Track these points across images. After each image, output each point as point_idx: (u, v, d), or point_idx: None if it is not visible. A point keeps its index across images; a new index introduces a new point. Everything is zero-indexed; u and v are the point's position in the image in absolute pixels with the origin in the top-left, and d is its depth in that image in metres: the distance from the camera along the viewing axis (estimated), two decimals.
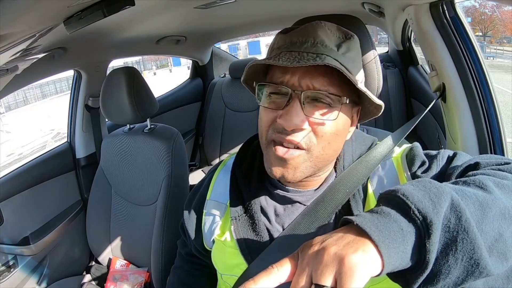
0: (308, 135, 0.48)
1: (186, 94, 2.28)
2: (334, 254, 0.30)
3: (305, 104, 0.47)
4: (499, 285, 0.36)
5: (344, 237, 0.32)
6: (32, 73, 1.19)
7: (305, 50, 0.47)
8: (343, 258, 0.30)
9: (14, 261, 1.26)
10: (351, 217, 0.33)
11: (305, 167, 0.49)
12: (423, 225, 0.32)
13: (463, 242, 0.32)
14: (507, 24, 19.67)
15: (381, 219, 0.33)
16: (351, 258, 0.29)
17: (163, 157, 1.21)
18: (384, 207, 0.34)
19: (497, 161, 0.47)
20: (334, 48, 0.48)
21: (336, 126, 0.49)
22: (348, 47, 0.50)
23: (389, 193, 0.36)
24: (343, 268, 0.29)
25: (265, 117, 0.51)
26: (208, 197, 0.64)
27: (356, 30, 0.71)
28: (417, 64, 1.97)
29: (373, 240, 0.31)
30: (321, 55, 0.46)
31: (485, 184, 0.38)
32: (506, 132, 0.89)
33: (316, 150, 0.49)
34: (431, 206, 0.32)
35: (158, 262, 1.18)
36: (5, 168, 6.82)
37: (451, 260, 0.32)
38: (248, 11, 1.61)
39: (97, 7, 0.69)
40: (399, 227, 0.32)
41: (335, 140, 0.50)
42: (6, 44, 0.61)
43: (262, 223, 0.56)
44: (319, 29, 0.49)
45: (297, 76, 0.48)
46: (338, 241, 0.32)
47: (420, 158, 0.53)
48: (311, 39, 0.48)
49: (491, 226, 0.34)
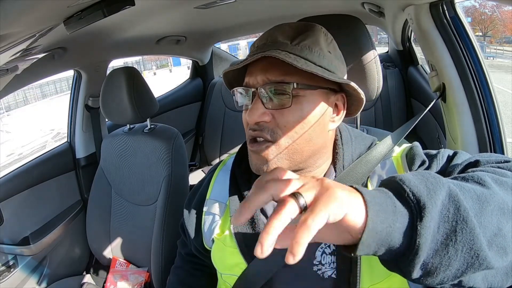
0: (272, 127, 0.50)
1: (186, 94, 2.28)
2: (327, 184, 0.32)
3: (265, 98, 0.50)
4: (498, 282, 0.36)
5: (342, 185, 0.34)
6: (32, 73, 1.19)
7: (258, 50, 0.51)
8: (331, 188, 0.32)
9: (14, 261, 1.27)
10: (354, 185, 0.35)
11: (278, 159, 0.51)
12: (416, 208, 0.33)
13: (463, 232, 0.32)
14: (507, 24, 19.67)
15: (378, 193, 0.34)
16: (338, 191, 0.31)
17: (163, 157, 1.21)
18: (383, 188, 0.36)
19: (497, 159, 0.47)
20: (287, 41, 0.50)
21: (300, 114, 0.49)
22: (304, 37, 0.50)
23: (389, 179, 0.38)
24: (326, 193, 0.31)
25: (243, 119, 0.55)
26: (208, 197, 0.64)
27: (356, 30, 0.71)
28: (417, 64, 1.97)
29: (365, 199, 0.32)
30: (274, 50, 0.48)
31: (484, 180, 0.38)
32: (506, 132, 0.89)
33: (284, 141, 0.50)
34: (426, 191, 0.33)
35: (158, 262, 1.18)
36: (5, 168, 6.82)
37: (451, 251, 0.32)
38: (248, 11, 1.61)
39: (97, 7, 0.69)
40: (392, 203, 0.33)
41: (304, 129, 0.50)
42: (6, 44, 0.61)
43: (261, 222, 0.56)
44: (276, 29, 0.52)
45: (254, 74, 0.51)
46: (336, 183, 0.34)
47: (420, 158, 0.53)
48: (269, 38, 0.51)
49: (490, 220, 0.34)
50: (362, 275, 0.49)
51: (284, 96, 0.49)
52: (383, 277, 0.49)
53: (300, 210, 0.31)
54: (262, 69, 0.50)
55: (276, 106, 0.50)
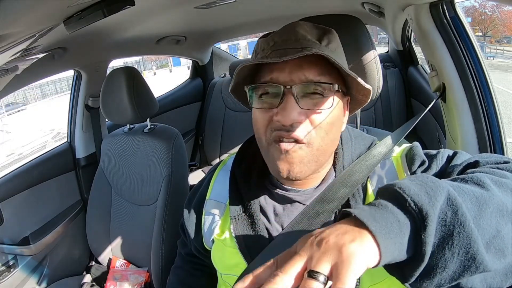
0: (306, 128, 0.48)
1: (186, 94, 2.28)
2: (332, 243, 0.31)
3: (299, 98, 0.48)
4: (497, 283, 0.36)
5: (342, 227, 0.33)
6: (32, 73, 1.19)
7: (288, 46, 0.48)
8: (341, 246, 0.30)
9: (14, 261, 1.26)
10: (350, 210, 0.34)
11: (308, 161, 0.50)
12: (419, 217, 0.33)
13: (460, 236, 0.32)
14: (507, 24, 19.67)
15: (379, 211, 0.33)
16: (349, 247, 0.30)
17: (163, 157, 1.21)
18: (381, 200, 0.35)
19: (497, 159, 0.47)
20: (317, 41, 0.49)
21: (332, 115, 0.50)
22: (329, 39, 0.51)
23: (387, 187, 0.37)
24: (341, 256, 0.29)
25: (261, 118, 0.51)
26: (208, 197, 0.64)
27: (356, 30, 0.71)
28: (417, 64, 1.97)
29: (371, 230, 0.31)
30: (306, 48, 0.47)
31: (483, 182, 0.38)
32: (506, 132, 0.89)
33: (316, 142, 0.49)
34: (427, 199, 0.33)
35: (158, 262, 1.18)
36: (5, 168, 6.82)
37: (448, 254, 0.32)
38: (248, 11, 1.61)
39: (97, 7, 0.69)
40: (396, 219, 0.33)
41: (332, 130, 0.51)
42: (6, 44, 0.61)
43: (261, 222, 0.56)
44: (297, 27, 0.51)
45: (286, 71, 0.48)
46: (336, 231, 0.32)
47: (420, 158, 0.53)
48: (292, 36, 0.49)
49: (489, 222, 0.34)
50: (362, 275, 0.49)
51: (319, 96, 0.48)
52: (383, 277, 0.49)
53: (323, 286, 0.29)
54: (297, 66, 0.47)
55: (311, 106, 0.48)
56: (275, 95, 0.49)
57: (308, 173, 0.51)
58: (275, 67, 0.49)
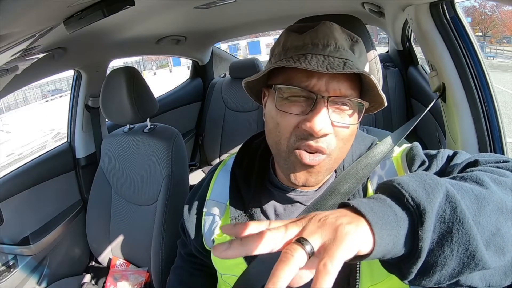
0: (331, 140, 0.48)
1: (186, 94, 2.28)
2: (330, 221, 0.31)
3: (330, 109, 0.47)
4: (496, 281, 0.36)
5: (342, 213, 0.33)
6: (32, 73, 1.19)
7: (330, 54, 0.47)
8: (337, 226, 0.31)
9: (14, 261, 1.27)
10: (349, 201, 0.35)
11: (326, 170, 0.50)
12: (416, 213, 0.33)
13: (458, 233, 0.32)
14: (507, 24, 19.66)
15: (376, 203, 0.34)
16: (344, 226, 0.30)
17: (163, 157, 1.21)
18: (380, 194, 0.36)
19: (496, 159, 0.47)
20: (351, 52, 0.49)
21: (353, 128, 0.50)
22: (360, 51, 0.50)
23: (386, 183, 0.37)
24: (334, 234, 0.30)
25: (286, 122, 0.48)
26: (208, 197, 0.64)
27: (356, 30, 0.71)
28: (417, 64, 1.97)
29: (367, 219, 0.32)
30: (347, 61, 0.46)
31: (482, 180, 0.38)
32: (506, 132, 0.89)
33: (335, 153, 0.50)
34: (425, 195, 0.33)
35: (158, 262, 1.18)
36: (5, 168, 6.82)
37: (447, 251, 0.32)
38: (248, 11, 1.61)
39: (97, 7, 0.69)
40: (393, 212, 0.33)
41: (350, 141, 0.52)
42: (6, 44, 0.61)
43: None
44: (334, 31, 0.49)
45: (324, 80, 0.46)
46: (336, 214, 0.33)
47: (420, 158, 0.53)
48: (332, 41, 0.48)
49: (488, 220, 0.34)
50: (362, 276, 0.49)
51: (348, 110, 0.48)
52: (383, 277, 0.49)
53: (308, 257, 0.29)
54: (333, 77, 0.46)
55: (340, 119, 0.48)
56: (306, 101, 0.47)
57: (322, 180, 0.52)
58: (314, 74, 0.47)
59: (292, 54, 0.48)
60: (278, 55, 0.51)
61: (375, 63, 0.70)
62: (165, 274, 1.16)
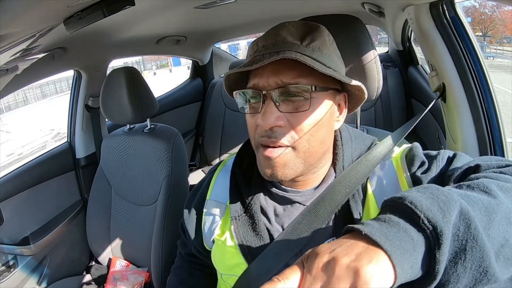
0: (289, 132, 0.49)
1: (186, 94, 2.28)
2: (347, 266, 0.28)
3: (279, 102, 0.49)
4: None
5: (353, 246, 0.30)
6: (32, 73, 1.19)
7: (267, 51, 0.49)
8: (358, 270, 0.28)
9: (14, 261, 1.26)
10: (358, 226, 0.32)
11: (294, 164, 0.50)
12: (433, 235, 0.31)
13: (472, 250, 0.31)
14: (507, 24, 19.66)
15: (390, 229, 0.31)
16: (366, 269, 0.28)
17: (163, 157, 1.21)
18: (391, 215, 0.33)
19: (498, 163, 0.47)
20: (297, 42, 0.49)
21: (316, 116, 0.50)
22: (312, 37, 0.50)
23: (396, 201, 0.34)
24: (358, 281, 0.28)
25: (250, 122, 0.53)
26: (208, 197, 0.64)
27: (356, 30, 0.71)
28: (417, 64, 1.97)
29: (385, 250, 0.29)
30: (280, 52, 0.47)
31: (489, 188, 0.37)
32: (506, 132, 0.89)
33: (302, 145, 0.50)
34: (441, 215, 0.31)
35: (158, 262, 1.18)
36: (5, 168, 6.82)
37: (460, 269, 0.31)
38: (248, 11, 1.61)
39: (97, 7, 0.69)
40: (409, 237, 0.31)
41: (319, 131, 0.50)
42: (6, 44, 0.61)
43: (262, 223, 0.56)
44: (281, 29, 0.51)
45: (265, 77, 0.49)
46: (348, 251, 0.30)
47: (419, 159, 0.53)
48: (272, 40, 0.50)
49: (497, 231, 0.33)
50: None
51: (300, 98, 0.48)
52: None
53: None
54: (274, 71, 0.48)
55: (292, 109, 0.49)
56: (257, 101, 0.50)
57: (295, 174, 0.51)
58: (256, 73, 0.50)
59: (247, 60, 0.51)
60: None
61: (375, 63, 0.70)
62: (165, 274, 1.16)
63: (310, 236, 0.52)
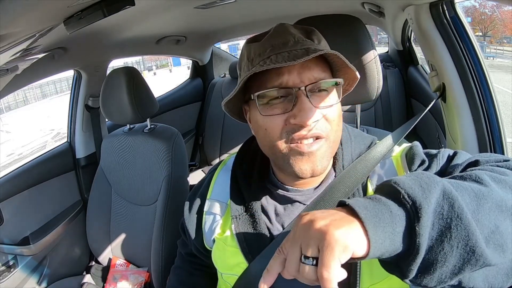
0: (323, 124, 0.50)
1: (186, 94, 2.28)
2: (319, 228, 0.32)
3: (310, 97, 0.48)
4: (498, 283, 0.36)
5: (333, 213, 0.34)
6: (32, 73, 1.19)
7: (291, 48, 0.48)
8: (325, 232, 0.31)
9: (14, 261, 1.26)
10: (345, 200, 0.36)
11: (328, 154, 0.51)
12: (412, 209, 0.33)
13: (457, 228, 0.32)
14: (507, 24, 19.66)
15: (372, 202, 0.34)
16: (332, 233, 0.31)
17: (163, 157, 1.21)
18: (377, 195, 0.37)
19: (497, 158, 0.47)
20: (310, 40, 0.51)
21: (339, 108, 0.53)
22: (318, 38, 0.53)
23: (383, 183, 0.38)
24: (324, 242, 0.31)
25: (273, 125, 0.49)
26: (209, 196, 0.64)
27: (356, 30, 0.71)
28: (417, 64, 1.97)
29: (360, 217, 0.32)
30: (309, 48, 0.48)
31: (481, 178, 0.39)
32: (506, 132, 0.89)
33: (332, 135, 0.51)
34: (421, 192, 0.34)
35: (158, 262, 1.18)
36: (5, 168, 6.82)
37: (447, 247, 0.32)
38: (248, 11, 1.61)
39: (97, 7, 0.69)
40: (388, 210, 0.34)
41: (340, 121, 0.53)
42: (6, 44, 0.61)
43: (263, 221, 0.56)
44: (289, 28, 0.52)
45: (295, 73, 0.48)
46: (326, 216, 0.33)
47: (420, 157, 0.53)
48: (289, 37, 0.50)
49: (487, 217, 0.34)
50: (362, 275, 0.49)
51: (326, 93, 0.50)
52: (382, 277, 0.49)
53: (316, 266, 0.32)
54: (304, 67, 0.48)
55: (323, 103, 0.49)
56: (286, 99, 0.49)
57: (327, 166, 0.52)
58: (284, 71, 0.48)
59: (258, 61, 0.49)
60: (246, 67, 0.52)
61: (375, 63, 0.70)
62: (165, 274, 1.16)
63: None
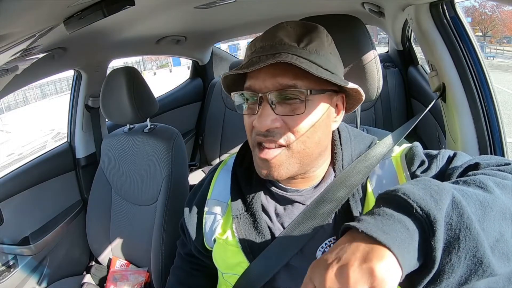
0: (285, 132, 0.49)
1: (186, 94, 2.28)
2: (360, 269, 0.29)
3: (276, 104, 0.49)
4: (500, 287, 0.35)
5: (357, 247, 0.31)
6: (32, 73, 1.19)
7: (264, 52, 0.49)
8: (372, 269, 0.29)
9: (14, 261, 1.26)
10: (354, 224, 0.32)
11: (289, 163, 0.50)
12: (427, 222, 0.32)
13: (466, 239, 0.31)
14: (507, 24, 19.65)
15: (385, 222, 0.32)
16: (379, 268, 0.29)
17: (163, 157, 1.21)
18: (385, 208, 0.34)
19: (498, 161, 0.47)
20: (294, 43, 0.49)
21: (311, 119, 0.50)
22: (310, 39, 0.50)
23: (389, 193, 0.35)
24: (376, 280, 0.28)
25: (246, 123, 0.53)
26: (209, 196, 0.64)
27: (356, 30, 0.71)
28: (417, 64, 1.97)
29: (384, 244, 0.30)
30: (277, 54, 0.47)
31: (486, 184, 0.38)
32: (506, 132, 0.89)
33: (297, 146, 0.50)
34: (433, 203, 0.32)
35: (158, 262, 1.18)
36: (5, 168, 6.82)
37: (454, 258, 0.31)
38: (248, 11, 1.61)
39: (97, 7, 0.69)
40: (404, 228, 0.31)
41: (315, 133, 0.51)
42: (6, 44, 0.61)
43: (263, 221, 0.56)
44: (279, 30, 0.51)
45: (261, 79, 0.49)
46: (355, 254, 0.30)
47: (419, 158, 0.53)
48: (269, 41, 0.50)
49: (492, 226, 0.33)
50: None
51: (295, 101, 0.49)
52: None
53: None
54: (270, 73, 0.48)
55: (288, 112, 0.49)
56: (254, 102, 0.51)
57: (290, 174, 0.51)
58: (252, 75, 0.50)
59: (245, 60, 0.51)
60: None
61: (375, 63, 0.70)
62: (165, 274, 1.16)
63: (311, 235, 0.52)
